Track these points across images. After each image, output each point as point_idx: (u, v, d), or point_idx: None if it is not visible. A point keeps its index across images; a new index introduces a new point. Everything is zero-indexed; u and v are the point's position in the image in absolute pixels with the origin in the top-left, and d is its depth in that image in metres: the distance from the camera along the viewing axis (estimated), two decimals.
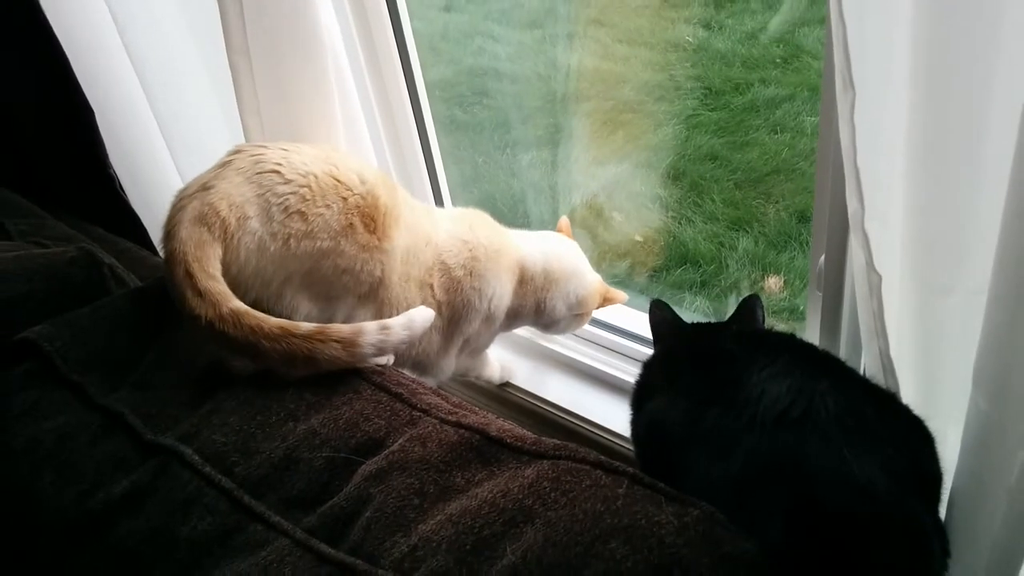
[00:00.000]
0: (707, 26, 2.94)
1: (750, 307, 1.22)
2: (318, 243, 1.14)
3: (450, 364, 1.45)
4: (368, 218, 1.18)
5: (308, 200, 1.13)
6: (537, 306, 1.48)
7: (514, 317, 1.49)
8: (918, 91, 0.85)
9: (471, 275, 1.35)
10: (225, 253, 1.10)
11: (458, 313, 1.37)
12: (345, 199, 1.16)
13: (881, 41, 0.84)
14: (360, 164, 1.23)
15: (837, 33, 0.82)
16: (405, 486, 0.88)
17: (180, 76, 1.61)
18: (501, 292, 1.40)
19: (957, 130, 0.86)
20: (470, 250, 1.35)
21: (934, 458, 0.91)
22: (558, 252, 1.51)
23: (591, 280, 1.53)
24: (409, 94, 1.74)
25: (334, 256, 1.16)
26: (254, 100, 1.40)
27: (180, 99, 1.62)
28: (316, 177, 1.15)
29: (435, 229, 1.35)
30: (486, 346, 1.57)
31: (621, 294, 1.58)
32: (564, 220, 1.63)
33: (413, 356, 1.36)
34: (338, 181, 1.16)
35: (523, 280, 1.45)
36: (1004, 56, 0.78)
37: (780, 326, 2.09)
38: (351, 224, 1.16)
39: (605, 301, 1.56)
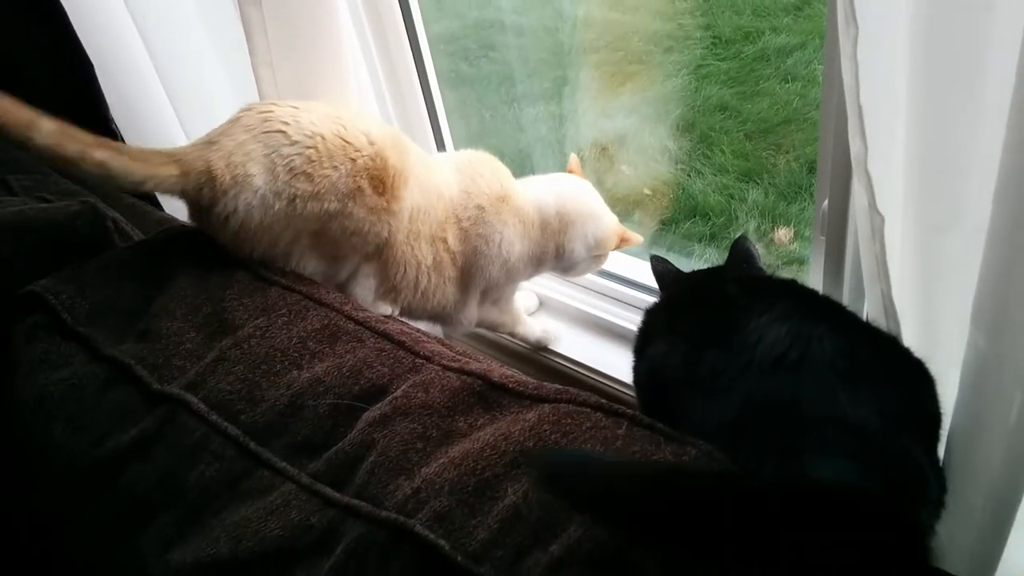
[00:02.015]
0: None
1: (743, 248, 1.22)
2: (325, 205, 1.14)
3: (471, 315, 1.46)
4: (377, 180, 1.18)
5: (314, 161, 1.13)
6: (557, 250, 1.47)
7: (537, 263, 1.48)
8: (919, 26, 0.84)
9: (475, 223, 1.35)
10: (215, 207, 1.11)
11: (470, 262, 1.37)
12: (354, 160, 1.16)
13: None
14: (370, 123, 1.22)
15: None
16: (408, 431, 0.89)
17: (180, 28, 1.60)
18: (510, 237, 1.39)
19: (958, 66, 0.85)
20: (473, 198, 1.35)
21: (933, 399, 0.92)
22: (571, 193, 1.49)
23: (608, 221, 1.52)
24: (411, 48, 1.72)
25: (342, 218, 1.16)
26: (266, 51, 1.40)
27: (181, 52, 1.61)
28: (323, 138, 1.14)
29: (446, 181, 1.34)
30: (509, 297, 1.56)
31: (637, 236, 1.56)
32: (574, 158, 1.60)
33: (429, 310, 1.37)
34: (346, 142, 1.16)
35: (538, 225, 1.44)
36: None
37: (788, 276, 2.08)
38: (359, 187, 1.16)
39: (622, 242, 1.54)
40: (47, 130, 1.07)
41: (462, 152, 1.45)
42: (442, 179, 1.33)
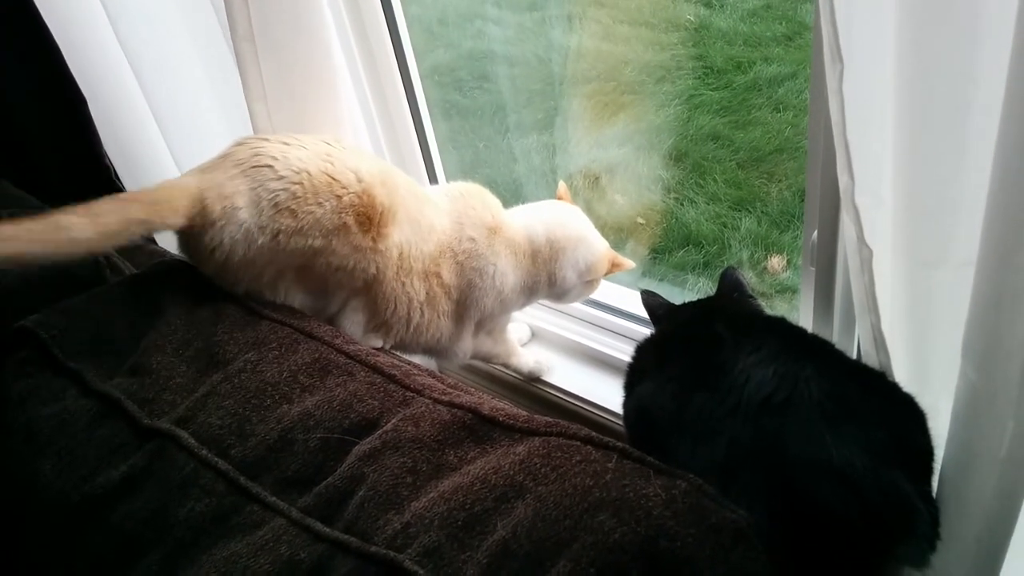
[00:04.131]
0: (708, 4, 2.91)
1: (732, 278, 1.23)
2: (309, 241, 1.14)
3: (466, 346, 1.45)
4: (363, 217, 1.18)
5: (299, 198, 1.13)
6: (550, 278, 1.45)
7: (530, 293, 1.47)
8: (905, 62, 0.85)
9: (469, 257, 1.34)
10: (204, 236, 1.12)
11: (464, 295, 1.36)
12: (340, 197, 1.16)
13: (868, 13, 0.84)
14: (360, 160, 1.22)
15: (825, 5, 0.82)
16: (398, 465, 0.89)
17: (173, 64, 1.61)
18: (503, 269, 1.38)
19: (944, 101, 0.85)
20: (466, 231, 1.34)
21: (924, 433, 0.92)
22: (560, 220, 1.48)
23: (599, 246, 1.50)
24: (403, 80, 1.73)
25: (327, 255, 1.16)
26: (260, 86, 1.40)
27: (173, 87, 1.63)
28: (309, 174, 1.14)
29: (439, 215, 1.33)
30: (503, 327, 1.56)
31: (629, 261, 1.54)
32: (562, 186, 1.60)
33: (423, 344, 1.37)
34: (333, 179, 1.16)
35: (530, 254, 1.43)
36: (989, 28, 0.78)
37: (783, 305, 2.08)
38: (344, 224, 1.16)
39: (613, 267, 1.52)
40: (78, 224, 1.05)
41: (453, 184, 1.44)
42: (434, 213, 1.33)
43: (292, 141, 1.19)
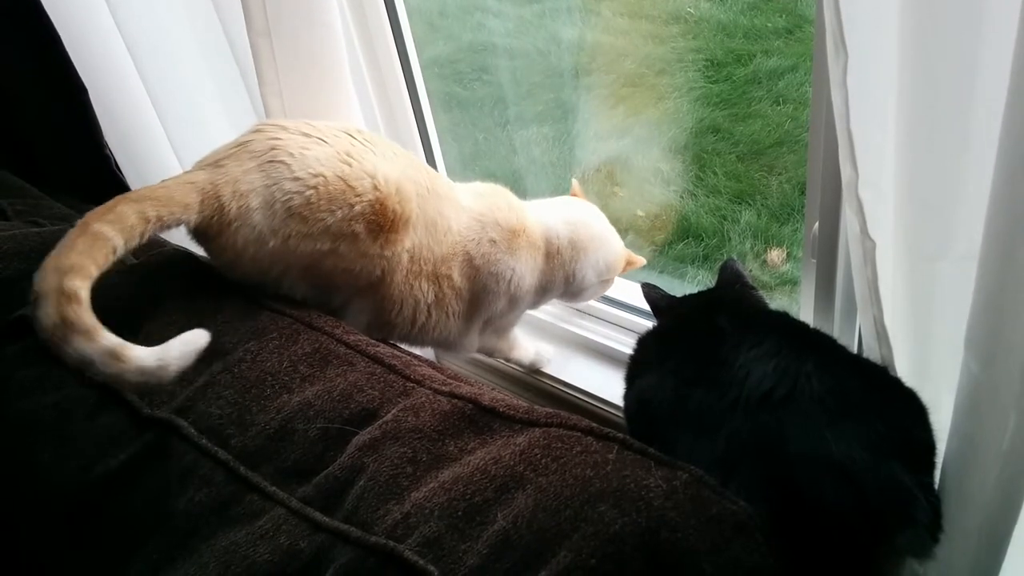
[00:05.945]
0: None
1: (732, 269, 1.23)
2: (317, 245, 1.13)
3: (473, 341, 1.43)
4: (374, 225, 1.15)
5: (312, 204, 1.11)
6: (566, 278, 1.44)
7: (543, 293, 1.45)
8: (908, 52, 0.85)
9: (487, 261, 1.31)
10: (220, 237, 1.10)
11: (477, 298, 1.35)
12: (352, 206, 1.13)
13: (872, 4, 0.83)
14: (380, 160, 1.18)
15: None
16: (398, 455, 0.88)
17: (173, 53, 1.60)
18: (521, 272, 1.36)
19: (946, 94, 0.85)
20: (487, 232, 1.31)
21: (925, 428, 0.92)
22: (583, 219, 1.46)
23: (617, 245, 1.49)
24: (403, 72, 1.73)
25: (333, 258, 1.15)
26: (276, 81, 1.39)
27: (173, 76, 1.62)
28: (326, 179, 1.11)
29: (458, 215, 1.30)
30: (512, 325, 1.54)
31: (641, 258, 1.54)
32: (576, 183, 1.58)
33: (428, 342, 1.36)
34: (348, 185, 1.13)
35: (548, 255, 1.41)
36: (992, 20, 0.78)
37: (783, 298, 2.08)
38: (354, 231, 1.14)
39: (628, 265, 1.52)
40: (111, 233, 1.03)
41: (479, 184, 1.42)
42: (454, 212, 1.29)
43: (313, 133, 1.15)
